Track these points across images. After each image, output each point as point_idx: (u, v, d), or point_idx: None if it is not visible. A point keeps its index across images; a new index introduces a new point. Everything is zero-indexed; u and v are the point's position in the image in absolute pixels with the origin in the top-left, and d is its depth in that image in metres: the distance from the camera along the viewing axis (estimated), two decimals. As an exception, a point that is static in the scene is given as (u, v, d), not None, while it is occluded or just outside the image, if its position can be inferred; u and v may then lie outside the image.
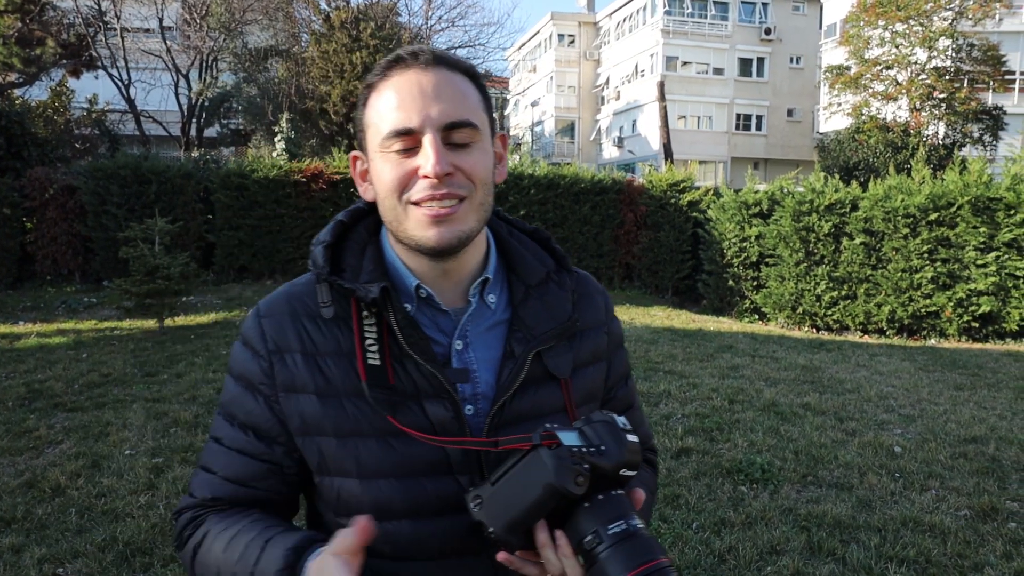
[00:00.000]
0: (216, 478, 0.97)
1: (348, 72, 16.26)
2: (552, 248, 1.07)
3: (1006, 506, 3.68)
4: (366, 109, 0.94)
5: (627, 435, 0.83)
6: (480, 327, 0.98)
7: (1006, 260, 8.41)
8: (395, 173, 0.90)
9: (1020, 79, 25.02)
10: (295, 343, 0.94)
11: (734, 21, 34.40)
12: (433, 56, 0.92)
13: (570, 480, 0.78)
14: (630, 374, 1.16)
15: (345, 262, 0.97)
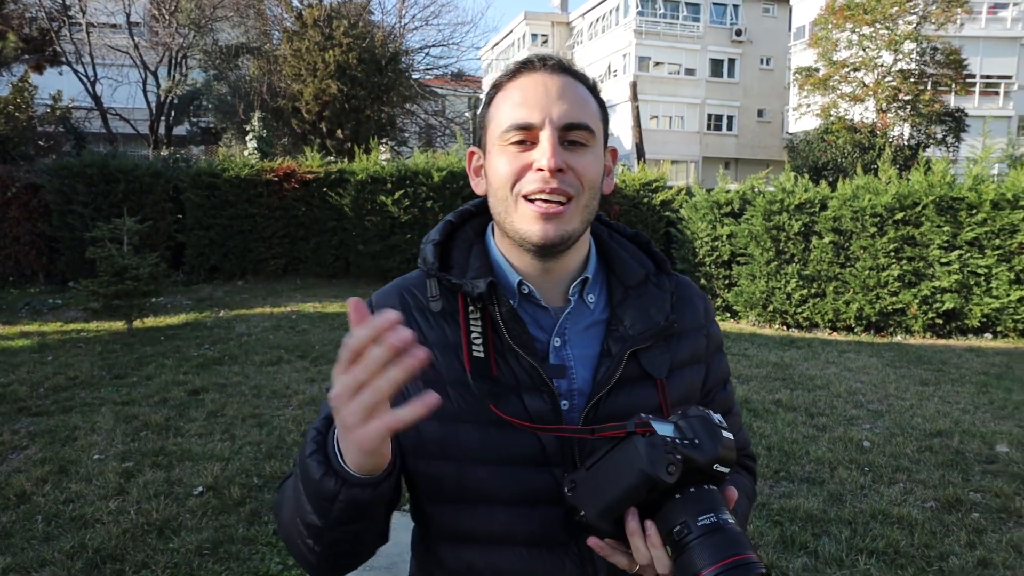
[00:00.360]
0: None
1: (321, 70, 16.11)
2: (652, 251, 1.10)
3: (969, 497, 3.77)
4: (490, 107, 0.99)
5: (722, 431, 0.84)
6: (579, 325, 1.02)
7: (968, 258, 8.61)
8: (511, 165, 0.95)
9: (980, 82, 25.62)
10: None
11: (706, 22, 34.74)
12: (559, 63, 0.98)
13: (662, 468, 0.79)
14: (728, 379, 1.17)
15: (453, 259, 1.03)
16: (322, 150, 13.67)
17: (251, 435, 4.59)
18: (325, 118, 16.37)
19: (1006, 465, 4.27)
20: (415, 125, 20.90)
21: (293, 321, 8.39)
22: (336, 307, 9.40)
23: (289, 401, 5.33)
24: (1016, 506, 3.66)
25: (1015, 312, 8.52)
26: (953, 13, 20.54)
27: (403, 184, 11.15)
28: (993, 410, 5.48)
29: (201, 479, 3.88)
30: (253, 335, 7.62)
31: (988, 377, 6.53)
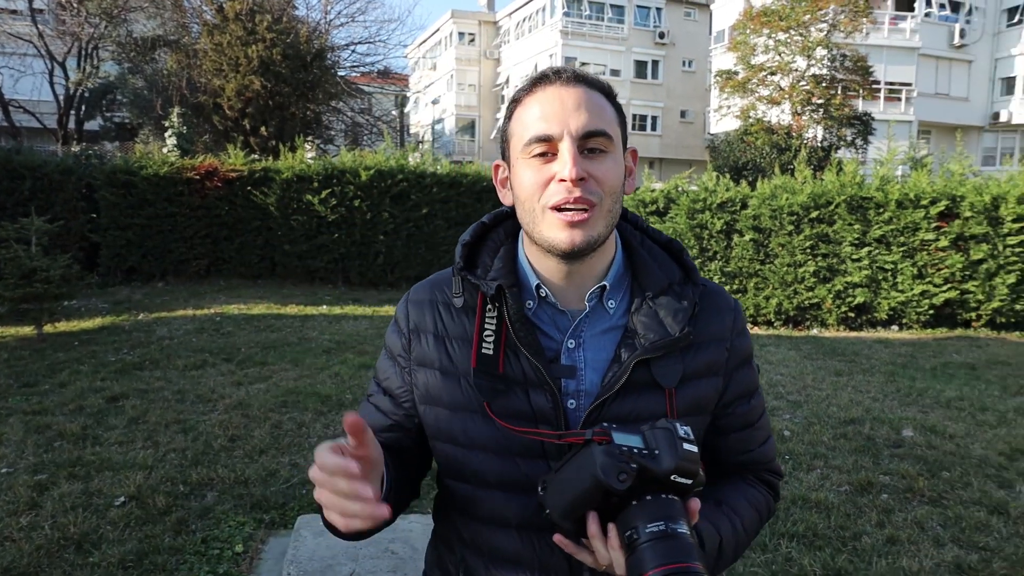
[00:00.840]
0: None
1: (243, 66, 15.62)
2: (682, 260, 1.11)
3: (880, 480, 4.01)
4: (511, 121, 1.04)
5: (684, 444, 0.86)
6: (596, 329, 1.06)
7: (877, 255, 9.10)
8: (535, 178, 0.99)
9: (885, 88, 27.07)
10: (430, 325, 1.10)
11: (630, 24, 35.45)
12: (575, 74, 1.02)
13: (613, 476, 0.84)
14: (756, 393, 1.16)
15: (480, 259, 1.10)
16: (246, 148, 13.27)
17: (175, 441, 4.45)
18: (248, 115, 15.90)
19: (911, 448, 4.55)
20: (341, 123, 20.54)
21: (217, 323, 8.14)
22: (262, 308, 9.17)
23: (215, 405, 5.19)
24: (920, 486, 3.91)
25: (918, 305, 9.06)
26: (859, 22, 21.61)
27: (330, 183, 10.97)
28: (900, 397, 5.82)
29: (123, 489, 3.74)
30: (175, 338, 7.36)
31: (895, 367, 6.93)
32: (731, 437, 1.14)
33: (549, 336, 1.06)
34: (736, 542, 1.05)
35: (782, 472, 1.22)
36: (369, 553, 2.98)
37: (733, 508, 1.08)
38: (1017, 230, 8.76)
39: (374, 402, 1.16)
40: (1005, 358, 7.44)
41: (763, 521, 1.15)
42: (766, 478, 1.18)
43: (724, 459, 1.15)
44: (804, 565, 3.05)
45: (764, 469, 1.18)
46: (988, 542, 3.29)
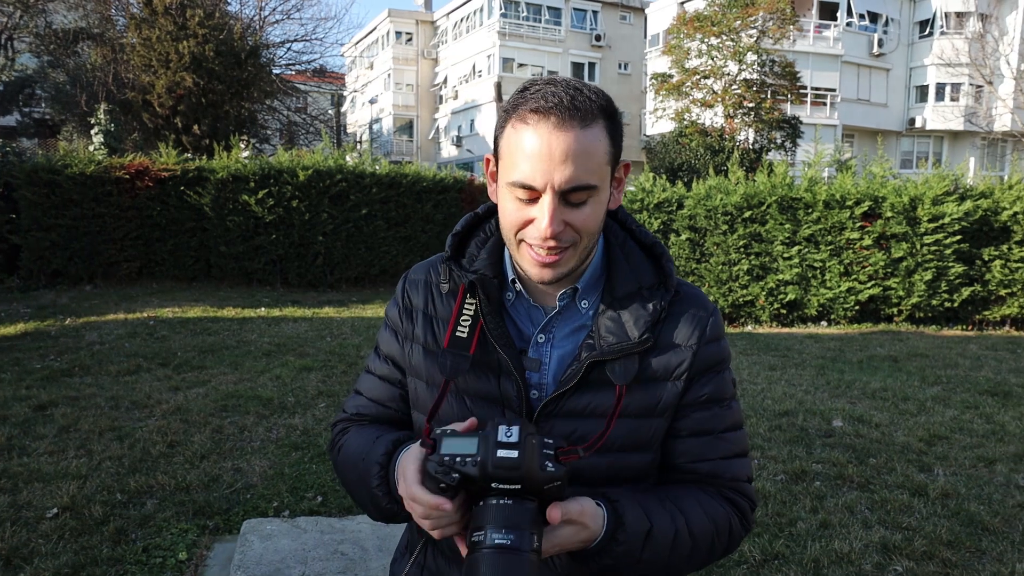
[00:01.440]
0: (363, 398, 1.24)
1: (174, 62, 15.13)
2: (660, 264, 1.12)
3: (812, 468, 4.19)
4: (503, 135, 1.04)
5: (500, 451, 0.87)
6: (567, 327, 1.11)
7: (806, 253, 9.48)
8: (515, 216, 1.02)
9: (811, 93, 28.15)
10: (422, 304, 1.17)
11: (567, 27, 35.86)
12: (569, 112, 0.97)
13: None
14: (722, 401, 1.14)
15: (468, 249, 1.16)
16: (178, 146, 12.88)
17: (111, 449, 4.30)
18: (180, 113, 15.41)
19: (841, 438, 4.77)
20: (277, 122, 20.12)
21: (151, 327, 7.88)
22: (197, 311, 8.93)
23: (152, 411, 5.03)
24: (849, 473, 4.11)
25: (845, 302, 9.48)
26: (787, 30, 22.44)
27: (267, 183, 10.75)
28: (829, 389, 6.09)
29: (55, 500, 3.60)
30: (106, 343, 7.09)
31: (825, 360, 7.24)
32: (686, 441, 1.12)
33: (522, 329, 1.12)
34: (675, 540, 1.03)
35: (754, 500, 1.16)
36: (318, 555, 2.96)
37: (679, 508, 1.06)
38: (933, 229, 9.26)
39: (378, 373, 1.22)
40: (924, 350, 7.86)
41: (720, 536, 1.09)
42: (729, 496, 1.12)
43: (677, 465, 1.12)
44: (744, 551, 3.18)
45: (728, 487, 1.12)
46: (910, 522, 3.50)
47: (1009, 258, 9.34)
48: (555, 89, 0.99)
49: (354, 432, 1.19)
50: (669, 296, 1.10)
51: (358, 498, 1.14)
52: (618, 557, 0.99)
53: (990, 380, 6.51)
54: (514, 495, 0.87)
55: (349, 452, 1.16)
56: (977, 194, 9.45)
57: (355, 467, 1.12)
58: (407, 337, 1.17)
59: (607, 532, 0.98)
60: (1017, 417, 5.37)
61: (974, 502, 3.75)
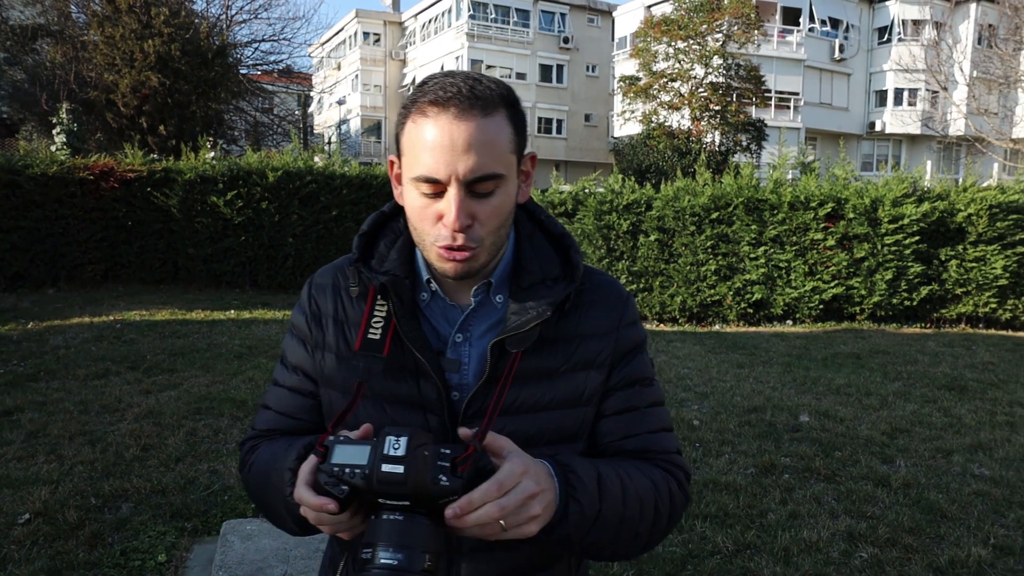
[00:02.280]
0: (272, 412, 1.16)
1: (139, 61, 14.88)
2: (567, 256, 1.11)
3: (781, 461, 4.32)
4: (403, 131, 1.00)
5: (385, 465, 0.81)
6: (485, 323, 1.08)
7: (772, 253, 9.69)
8: (422, 212, 0.99)
9: (775, 97, 28.69)
10: (331, 310, 1.12)
11: (535, 29, 36.00)
12: (469, 101, 0.95)
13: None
14: (646, 382, 1.14)
15: (378, 250, 1.11)
16: (144, 147, 12.66)
17: (82, 454, 4.25)
18: (145, 113, 15.16)
19: (808, 432, 4.91)
20: (244, 123, 19.89)
21: (118, 331, 7.77)
22: (166, 314, 8.81)
23: (123, 415, 4.98)
24: (816, 465, 4.24)
25: (809, 300, 9.71)
26: (752, 34, 22.85)
27: (236, 184, 10.64)
28: (796, 386, 6.25)
29: (26, 506, 3.55)
30: (72, 347, 6.97)
31: (791, 358, 7.42)
32: (611, 420, 1.11)
33: (439, 330, 1.08)
34: (624, 489, 1.01)
35: (687, 470, 1.16)
36: (300, 554, 2.98)
37: (622, 466, 1.05)
38: (893, 230, 9.53)
39: (287, 385, 1.15)
40: (885, 347, 8.10)
41: (663, 498, 1.07)
42: (665, 467, 1.11)
43: (606, 444, 1.11)
44: (717, 542, 3.27)
45: (660, 458, 1.11)
46: (874, 511, 3.63)
47: (964, 258, 9.66)
48: (453, 80, 0.97)
49: (265, 446, 1.12)
50: (574, 285, 1.07)
51: (273, 512, 1.07)
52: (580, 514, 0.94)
53: (947, 375, 6.74)
54: (405, 510, 0.82)
55: (260, 465, 1.09)
56: (934, 196, 9.76)
57: (267, 479, 1.05)
58: (317, 345, 1.11)
59: (560, 484, 0.93)
60: (972, 410, 5.58)
61: (933, 491, 3.91)
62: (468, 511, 0.82)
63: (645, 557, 3.15)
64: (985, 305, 9.74)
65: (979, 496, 3.87)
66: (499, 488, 0.84)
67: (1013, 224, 9.56)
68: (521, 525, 0.87)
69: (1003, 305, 9.77)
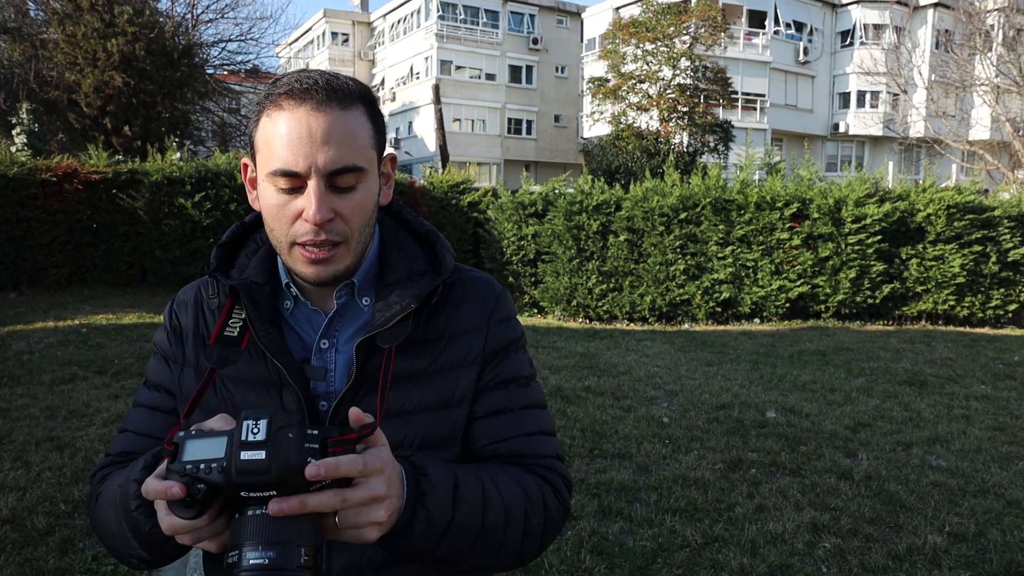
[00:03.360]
0: (130, 434, 1.08)
1: (102, 60, 14.60)
2: (434, 252, 1.08)
3: (748, 457, 4.42)
4: (258, 128, 0.96)
5: (244, 452, 0.71)
6: (351, 327, 1.03)
7: (740, 253, 9.86)
8: (280, 211, 0.94)
9: (742, 98, 29.12)
10: (191, 323, 1.09)
11: (504, 30, 36.06)
12: (326, 93, 0.92)
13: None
14: (518, 379, 1.10)
15: (239, 260, 1.08)
16: (108, 148, 12.45)
17: (50, 459, 4.20)
18: (109, 113, 14.88)
19: (775, 428, 5.04)
20: (211, 123, 19.63)
21: (84, 335, 7.65)
22: (133, 317, 8.69)
23: (91, 420, 4.92)
24: (783, 460, 4.36)
25: (776, 299, 9.90)
26: (718, 36, 23.17)
27: (204, 186, 10.53)
28: (763, 383, 6.39)
29: (-7, 513, 3.51)
30: (36, 352, 6.85)
31: (758, 356, 7.57)
32: (483, 423, 1.06)
33: (303, 337, 1.03)
34: (486, 498, 0.94)
35: (567, 477, 1.09)
36: (276, 556, 2.99)
37: (484, 470, 0.99)
38: (856, 230, 9.76)
39: (148, 404, 1.08)
40: (849, 345, 8.30)
41: (534, 506, 1.00)
42: (539, 471, 1.05)
43: (479, 449, 1.06)
44: (687, 536, 3.36)
45: (535, 463, 1.06)
46: (837, 503, 3.75)
47: (924, 257, 9.94)
48: (310, 75, 0.95)
49: (115, 474, 1.00)
50: (441, 278, 1.03)
51: (117, 539, 0.94)
52: (428, 521, 0.86)
53: (908, 371, 6.94)
54: (259, 503, 0.73)
55: (107, 491, 0.98)
56: (895, 196, 10.02)
57: (112, 501, 0.94)
58: (176, 361, 1.07)
59: (409, 489, 0.85)
60: (931, 404, 5.76)
61: (893, 482, 4.04)
62: (332, 475, 0.73)
63: (615, 551, 3.22)
64: (944, 302, 10.02)
65: (936, 486, 4.01)
66: (365, 468, 0.76)
67: (969, 224, 9.86)
68: (360, 528, 0.78)
69: (961, 302, 10.06)
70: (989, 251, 9.96)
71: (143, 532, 0.88)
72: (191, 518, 0.75)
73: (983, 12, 21.12)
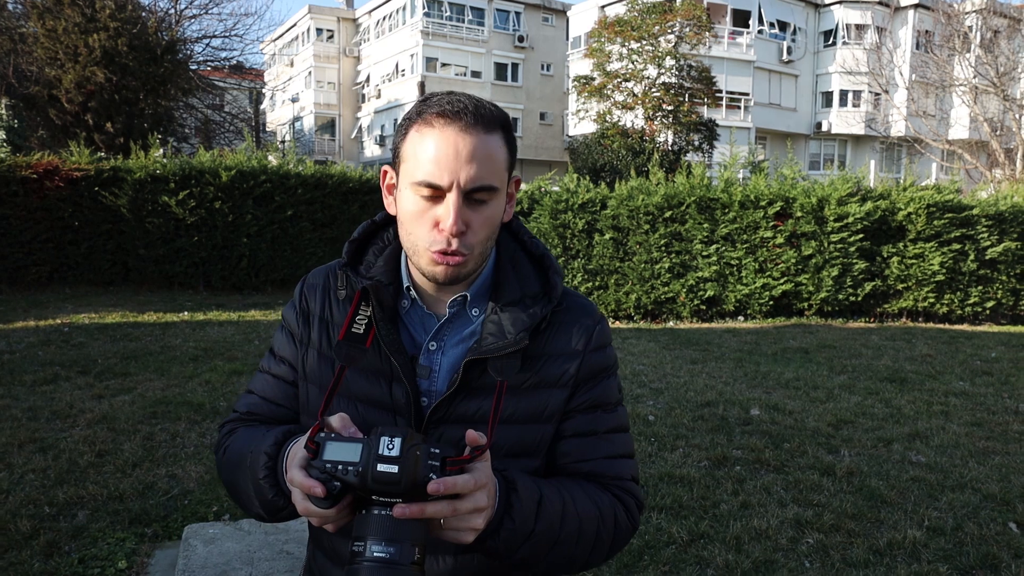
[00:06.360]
0: (255, 397, 1.23)
1: (83, 55, 14.42)
2: (546, 277, 1.17)
3: (733, 454, 4.47)
4: (405, 141, 1.07)
5: (380, 464, 0.84)
6: (459, 334, 1.13)
7: (724, 251, 9.94)
8: (419, 218, 1.05)
9: (726, 97, 29.29)
10: (318, 309, 1.19)
11: (490, 27, 36.03)
12: (474, 117, 1.03)
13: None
14: (606, 405, 1.19)
15: (367, 257, 1.18)
16: (90, 145, 12.33)
17: (33, 462, 4.17)
18: (91, 109, 14.70)
19: (759, 425, 5.09)
20: (195, 120, 19.45)
21: (66, 334, 7.58)
22: (116, 316, 8.62)
23: (75, 421, 4.88)
24: (766, 457, 4.41)
25: (760, 297, 9.99)
26: (703, 35, 23.30)
27: (188, 184, 10.45)
28: (747, 380, 6.45)
29: (-24, 516, 3.48)
30: (17, 352, 6.79)
31: (742, 353, 7.64)
32: (569, 442, 1.15)
33: (415, 336, 1.13)
34: (564, 515, 1.05)
35: (640, 498, 1.20)
36: (264, 556, 3.00)
37: (568, 490, 1.09)
38: (839, 228, 9.87)
39: (272, 372, 1.22)
40: (831, 342, 8.40)
41: (606, 524, 1.11)
42: (614, 491, 1.16)
43: (560, 466, 1.16)
44: (672, 533, 3.39)
45: (612, 484, 1.16)
46: (820, 499, 3.80)
47: (905, 255, 10.06)
48: (459, 97, 1.05)
49: (242, 430, 1.18)
50: (551, 305, 1.13)
51: (242, 493, 1.10)
52: (513, 531, 0.98)
53: (889, 368, 7.04)
54: (378, 505, 0.87)
55: (235, 448, 1.14)
56: (877, 195, 10.14)
57: (241, 461, 1.10)
58: (302, 341, 1.18)
59: (501, 501, 0.97)
60: (911, 401, 5.85)
61: (874, 478, 4.11)
62: (449, 491, 0.87)
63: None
64: (924, 300, 10.16)
65: (915, 482, 4.08)
66: (475, 485, 0.89)
67: (948, 223, 10.00)
68: (460, 531, 0.92)
69: (940, 300, 10.21)
70: (967, 249, 10.11)
71: (266, 498, 1.04)
72: (325, 508, 0.89)
73: (961, 13, 21.38)
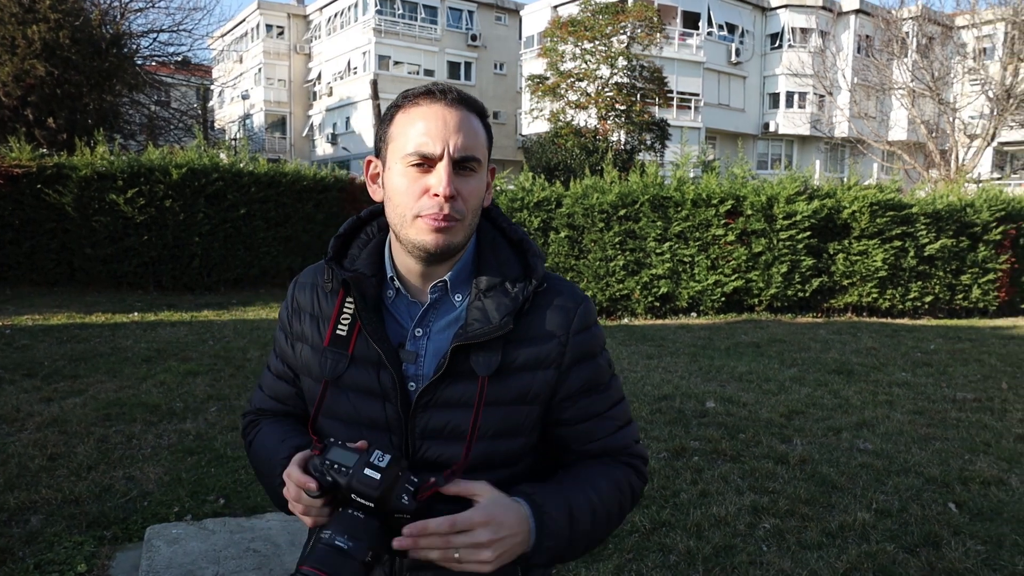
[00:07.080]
0: (263, 394, 1.33)
1: (22, 47, 13.87)
2: (526, 259, 1.19)
3: (691, 445, 4.60)
4: (391, 125, 1.12)
5: (366, 470, 0.99)
6: (443, 319, 1.16)
7: (677, 249, 10.14)
8: (410, 187, 1.09)
9: (677, 97, 29.80)
10: (308, 306, 1.23)
11: (443, 26, 35.91)
12: (458, 96, 1.11)
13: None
14: (600, 385, 1.22)
15: (351, 251, 1.23)
16: (31, 141, 11.90)
17: (-19, 467, 4.04)
18: (31, 104, 14.17)
19: (715, 417, 5.24)
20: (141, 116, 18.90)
21: (8, 336, 7.33)
22: (62, 317, 8.36)
23: (23, 425, 4.74)
24: (723, 447, 4.54)
25: (712, 294, 10.22)
26: (654, 36, 23.63)
27: (137, 182, 10.20)
28: (702, 375, 6.61)
29: (-77, 524, 3.36)
30: (-43, 355, 6.54)
31: (696, 348, 7.82)
32: (578, 428, 1.20)
33: (401, 324, 1.16)
34: (594, 511, 1.13)
35: (645, 456, 1.28)
36: (231, 554, 2.98)
37: (591, 483, 1.16)
38: (787, 226, 10.16)
39: (275, 371, 1.30)
40: (782, 336, 8.65)
41: (625, 497, 1.20)
42: (626, 461, 1.23)
43: (576, 448, 1.22)
44: (635, 522, 3.48)
45: (623, 454, 1.23)
46: (775, 486, 3.94)
47: (850, 252, 10.42)
48: (442, 85, 1.12)
49: (265, 427, 1.27)
50: (532, 287, 1.15)
51: (267, 489, 1.23)
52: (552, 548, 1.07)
53: (836, 361, 7.30)
54: (367, 511, 1.00)
55: (260, 446, 1.25)
56: (823, 194, 10.47)
57: (267, 462, 1.21)
58: (297, 337, 1.23)
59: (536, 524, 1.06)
60: (858, 391, 6.08)
61: (825, 465, 4.27)
62: (421, 534, 0.98)
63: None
64: (868, 295, 10.54)
65: (864, 468, 4.26)
66: (450, 526, 0.99)
67: (890, 220, 10.39)
68: (472, 563, 1.00)
69: (883, 295, 10.60)
70: (908, 246, 10.53)
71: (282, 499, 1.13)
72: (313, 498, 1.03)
73: (899, 20, 22.18)
